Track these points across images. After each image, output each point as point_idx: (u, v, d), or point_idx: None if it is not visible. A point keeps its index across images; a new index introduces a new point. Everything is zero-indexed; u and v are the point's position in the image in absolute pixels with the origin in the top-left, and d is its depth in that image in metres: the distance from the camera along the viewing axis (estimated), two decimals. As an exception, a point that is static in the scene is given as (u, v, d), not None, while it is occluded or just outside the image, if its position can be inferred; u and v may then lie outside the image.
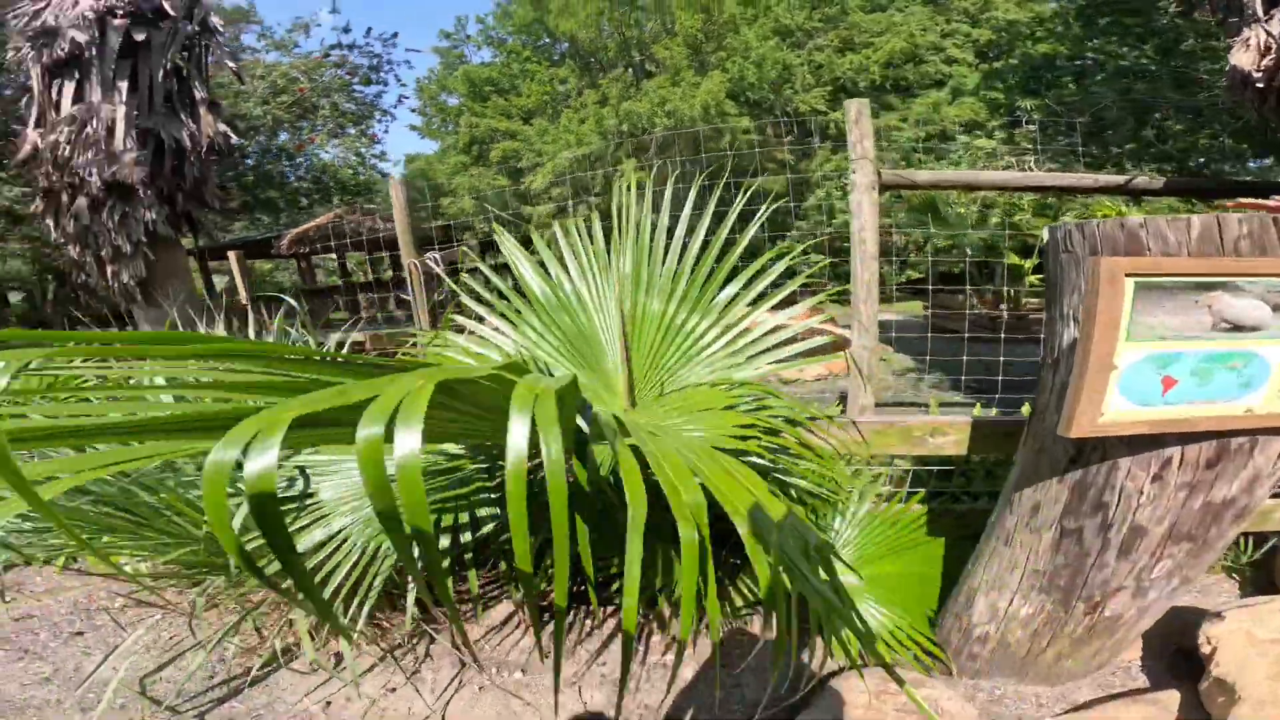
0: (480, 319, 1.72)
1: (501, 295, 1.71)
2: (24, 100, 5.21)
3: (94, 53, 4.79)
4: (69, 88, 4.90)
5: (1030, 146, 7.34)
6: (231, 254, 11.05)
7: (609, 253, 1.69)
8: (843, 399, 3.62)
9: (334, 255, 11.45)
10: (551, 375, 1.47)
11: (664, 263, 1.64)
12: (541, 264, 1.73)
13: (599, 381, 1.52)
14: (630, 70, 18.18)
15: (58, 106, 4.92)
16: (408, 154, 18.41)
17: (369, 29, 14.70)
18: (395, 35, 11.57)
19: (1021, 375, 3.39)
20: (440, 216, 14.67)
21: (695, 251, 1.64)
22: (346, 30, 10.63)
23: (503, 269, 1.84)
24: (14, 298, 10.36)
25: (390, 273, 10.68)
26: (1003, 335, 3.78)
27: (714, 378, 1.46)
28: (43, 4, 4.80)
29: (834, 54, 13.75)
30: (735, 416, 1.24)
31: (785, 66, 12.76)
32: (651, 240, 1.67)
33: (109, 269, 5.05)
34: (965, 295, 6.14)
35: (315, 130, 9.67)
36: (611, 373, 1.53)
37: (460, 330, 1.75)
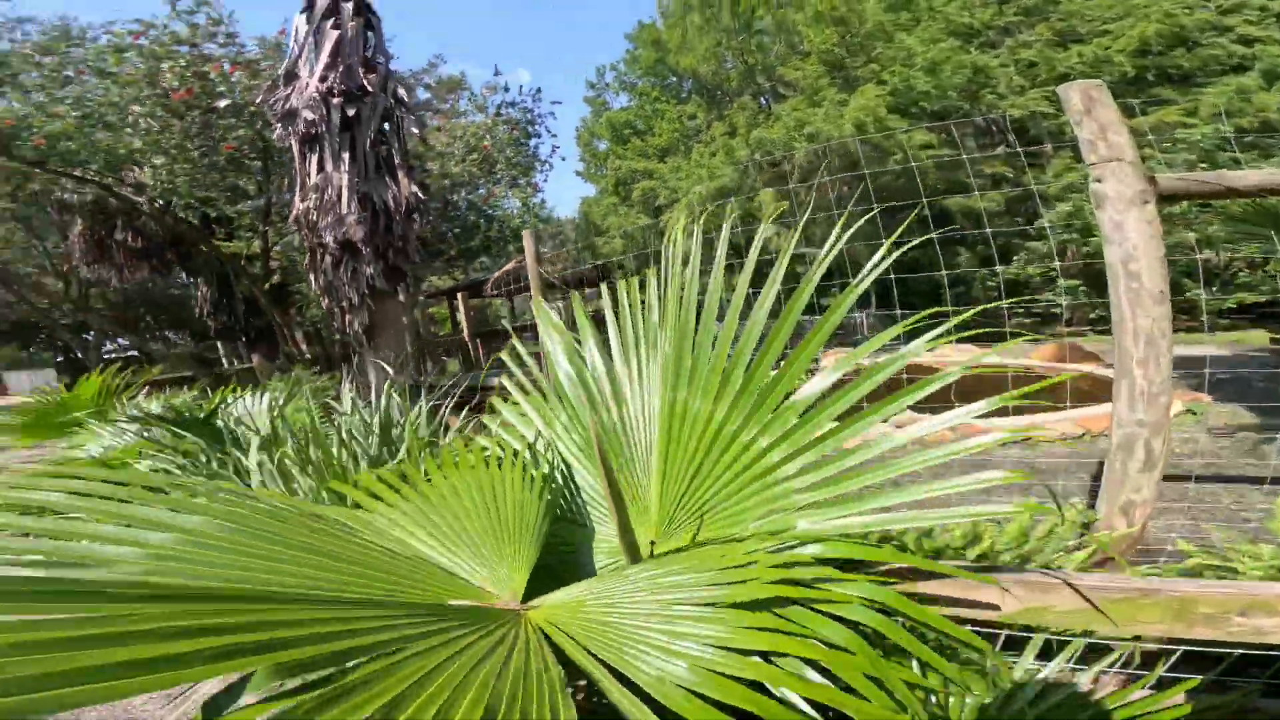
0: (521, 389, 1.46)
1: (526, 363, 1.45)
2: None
3: (324, 128, 5.30)
4: (313, 160, 5.49)
5: None
6: (459, 296, 12.43)
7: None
8: (1097, 481, 2.48)
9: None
10: (571, 479, 1.24)
11: (714, 342, 1.19)
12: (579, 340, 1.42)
13: (625, 495, 1.17)
14: (759, 97, 17.84)
15: (307, 176, 5.49)
16: (584, 197, 19.86)
17: (520, 86, 16.04)
18: (539, 90, 12.31)
19: None
20: (598, 256, 15.24)
21: (761, 319, 1.15)
22: (505, 89, 11.41)
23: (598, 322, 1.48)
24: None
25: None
26: None
27: (765, 522, 0.97)
28: (289, 90, 5.42)
29: (1048, 48, 11.87)
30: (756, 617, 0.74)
31: (977, 69, 11.24)
32: (699, 313, 1.24)
33: (346, 318, 5.49)
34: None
35: (496, 183, 10.45)
36: (643, 484, 1.18)
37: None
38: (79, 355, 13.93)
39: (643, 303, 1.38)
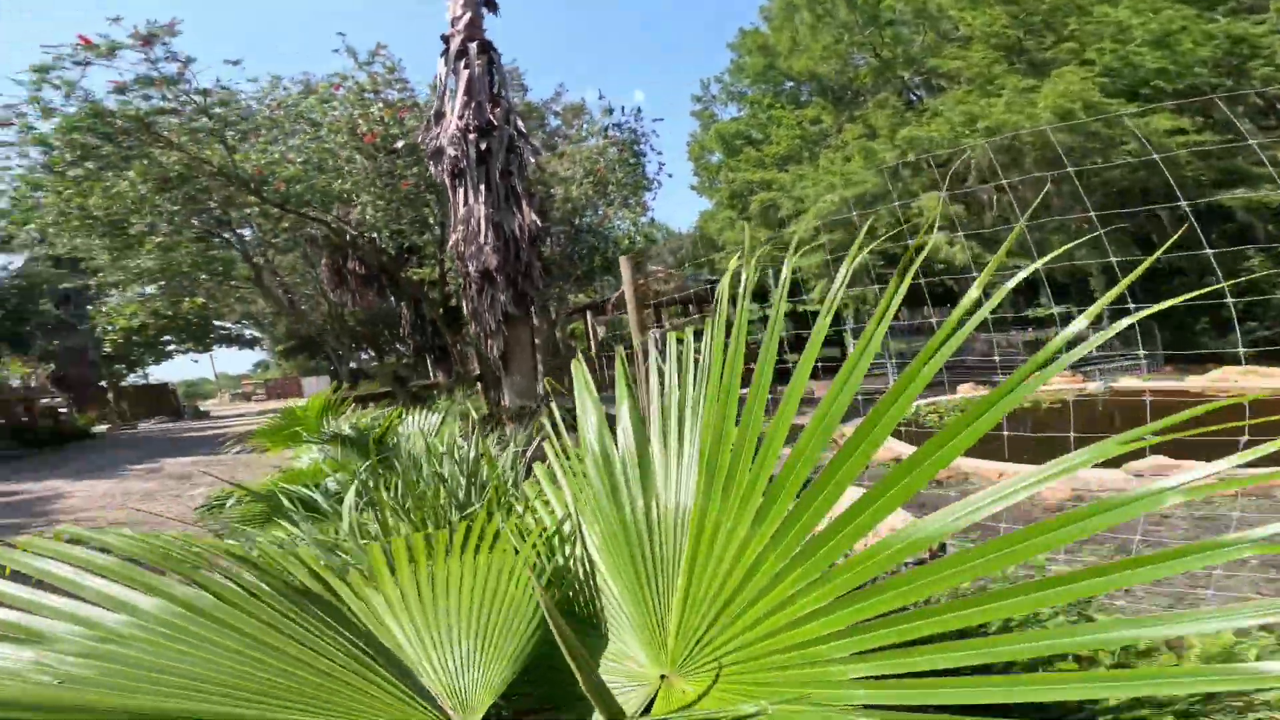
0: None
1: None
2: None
3: (465, 163, 5.84)
4: (460, 193, 6.10)
5: None
6: (588, 314, 13.48)
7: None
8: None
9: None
10: (592, 576, 1.06)
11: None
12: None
13: (642, 610, 0.95)
14: (903, 93, 16.02)
15: (457, 209, 6.19)
16: (703, 211, 20.21)
17: (623, 106, 16.64)
18: (639, 109, 12.50)
19: None
20: (717, 273, 15.15)
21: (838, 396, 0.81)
22: (609, 111, 11.76)
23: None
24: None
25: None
26: None
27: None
28: (439, 129, 6.02)
29: None
30: None
31: (1235, 39, 8.71)
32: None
33: (489, 342, 6.04)
34: None
35: (609, 204, 10.91)
36: (665, 601, 0.96)
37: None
38: (335, 367, 17.54)
39: (696, 362, 1.17)
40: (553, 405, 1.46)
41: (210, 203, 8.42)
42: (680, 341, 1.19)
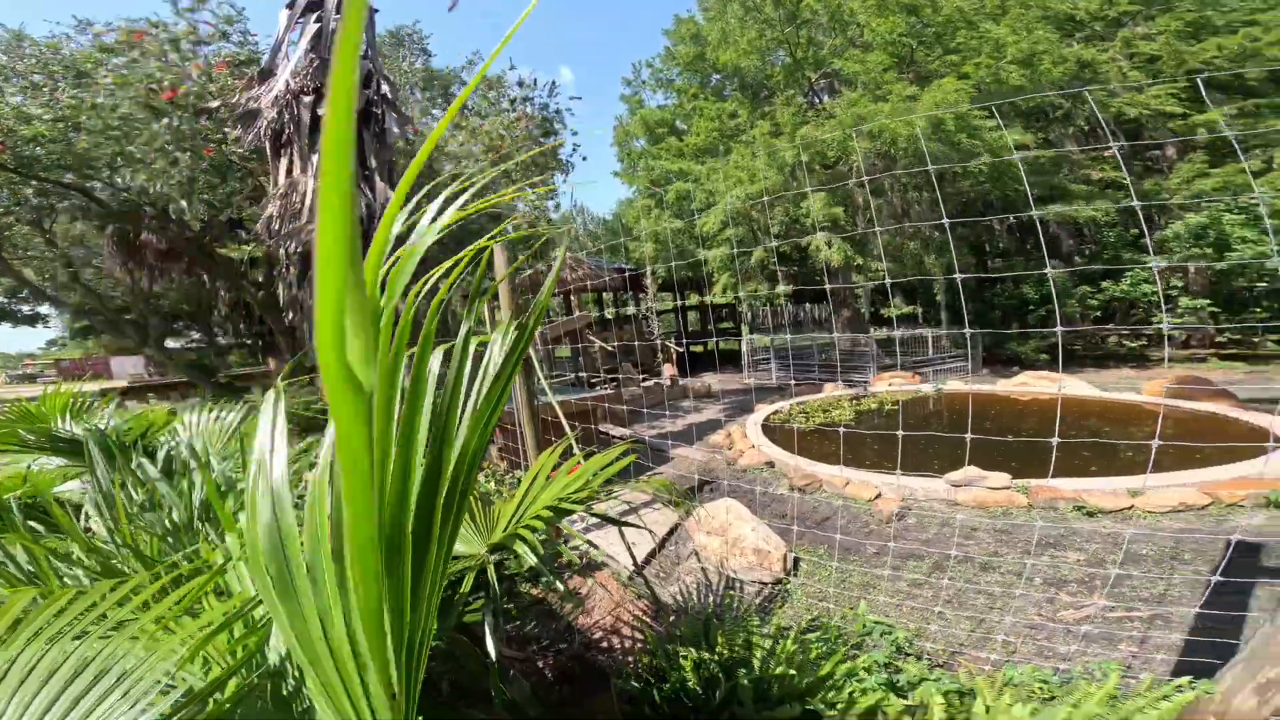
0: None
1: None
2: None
3: (294, 129, 5.02)
4: (283, 164, 5.25)
5: None
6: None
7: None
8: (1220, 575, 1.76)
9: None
10: None
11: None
12: None
13: None
14: (810, 94, 16.41)
15: (275, 181, 5.31)
16: (620, 199, 19.61)
17: (534, 80, 15.74)
18: (554, 83, 11.78)
19: None
20: (630, 261, 14.75)
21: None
22: (520, 84, 10.99)
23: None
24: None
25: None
26: None
27: None
28: (261, 89, 5.21)
29: (1176, 39, 10.07)
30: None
31: (1082, 64, 9.65)
32: None
33: (313, 338, 5.22)
34: None
35: (510, 185, 10.12)
36: None
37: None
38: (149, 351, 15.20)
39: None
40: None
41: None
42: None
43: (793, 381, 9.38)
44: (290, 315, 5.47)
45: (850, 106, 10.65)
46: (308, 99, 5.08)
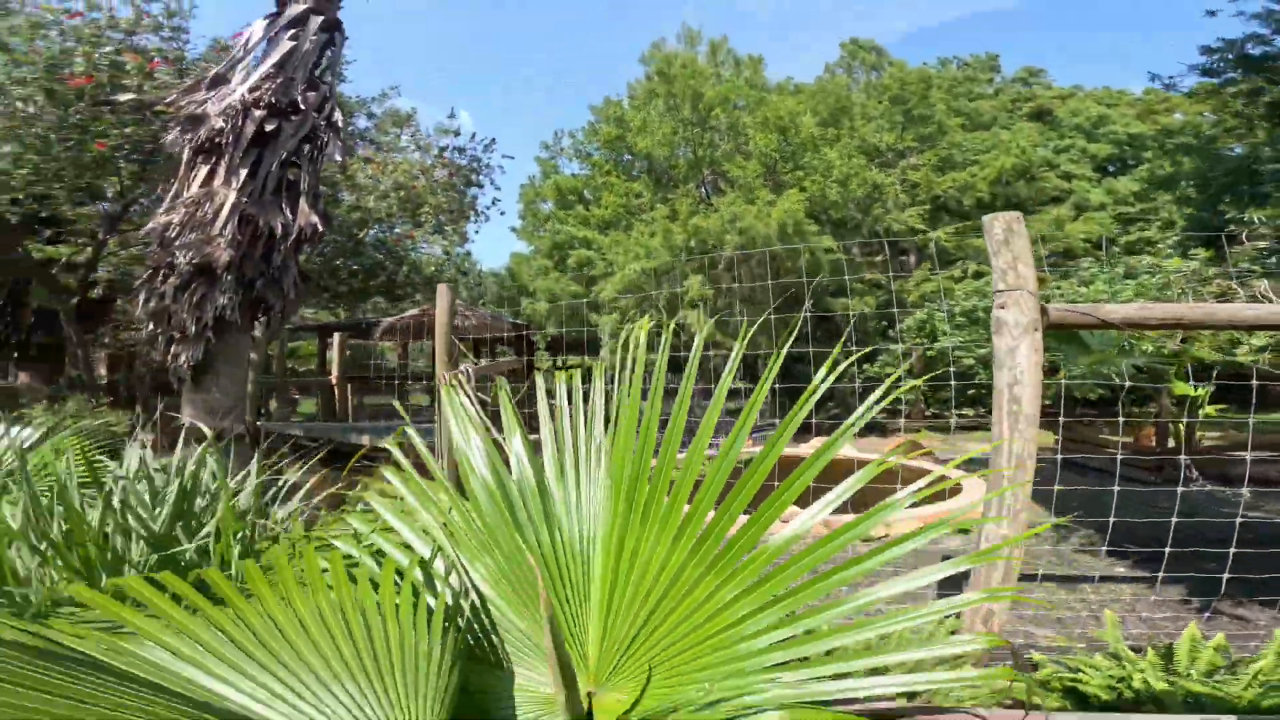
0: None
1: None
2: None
3: (230, 140, 5.04)
4: (202, 172, 5.19)
5: (1255, 268, 5.85)
6: (336, 335, 11.71)
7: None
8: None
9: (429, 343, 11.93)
10: (485, 612, 1.01)
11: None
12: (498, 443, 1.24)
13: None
14: (701, 187, 19.35)
15: (186, 188, 5.21)
16: (513, 253, 20.06)
17: (474, 134, 16.51)
18: (493, 141, 12.63)
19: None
20: (519, 316, 15.21)
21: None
22: (456, 134, 11.66)
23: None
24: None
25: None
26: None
27: (727, 685, 0.84)
28: (212, 94, 5.13)
29: (932, 172, 13.90)
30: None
31: (875, 185, 12.95)
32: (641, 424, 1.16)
33: (173, 350, 4.93)
34: (1114, 426, 4.84)
35: (418, 225, 10.34)
36: (576, 625, 1.05)
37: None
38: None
39: (585, 396, 1.25)
40: (410, 432, 1.28)
41: None
42: (570, 381, 1.30)
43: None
44: (149, 325, 5.11)
45: (729, 205, 13.01)
46: (259, 113, 5.07)
